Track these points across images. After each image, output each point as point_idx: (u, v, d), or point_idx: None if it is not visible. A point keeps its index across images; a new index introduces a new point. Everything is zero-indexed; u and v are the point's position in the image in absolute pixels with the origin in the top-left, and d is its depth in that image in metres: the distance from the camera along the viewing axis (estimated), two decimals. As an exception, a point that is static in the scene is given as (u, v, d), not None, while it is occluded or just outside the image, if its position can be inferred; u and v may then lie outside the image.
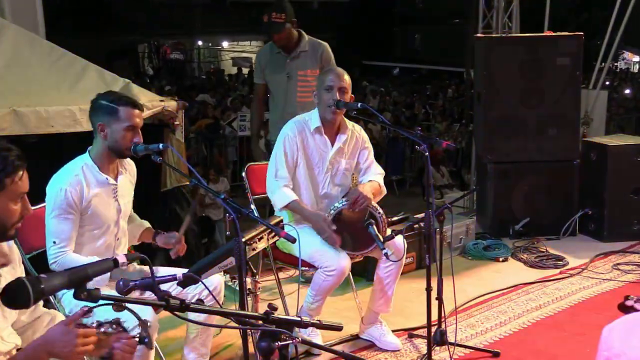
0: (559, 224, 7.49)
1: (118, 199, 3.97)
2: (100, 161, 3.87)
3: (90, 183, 3.83)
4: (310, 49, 6.08)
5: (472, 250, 7.00)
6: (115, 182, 3.95)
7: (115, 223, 3.99)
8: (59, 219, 3.73)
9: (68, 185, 3.72)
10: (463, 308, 5.57)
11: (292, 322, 2.16)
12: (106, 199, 3.91)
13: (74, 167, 3.84)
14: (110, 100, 3.81)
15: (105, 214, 3.91)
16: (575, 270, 6.52)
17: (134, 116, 3.80)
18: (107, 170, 3.91)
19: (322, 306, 4.67)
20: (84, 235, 3.88)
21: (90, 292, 2.13)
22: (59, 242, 3.73)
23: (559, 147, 7.45)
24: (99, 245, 3.94)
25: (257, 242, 3.68)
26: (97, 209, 3.86)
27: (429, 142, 4.25)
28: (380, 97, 22.28)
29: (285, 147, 4.71)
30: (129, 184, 4.11)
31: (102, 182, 3.88)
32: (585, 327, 5.25)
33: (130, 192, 4.14)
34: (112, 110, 3.78)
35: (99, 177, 3.86)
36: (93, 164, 3.86)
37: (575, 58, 7.40)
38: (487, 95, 7.53)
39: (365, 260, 5.06)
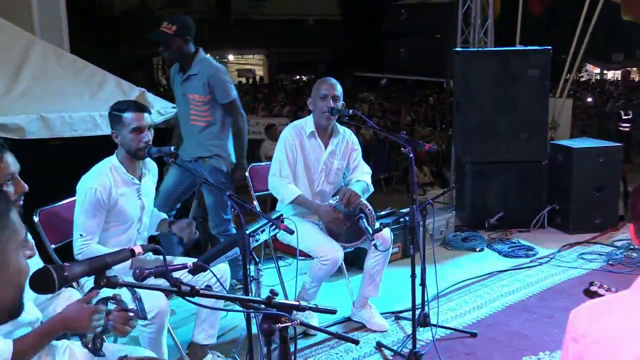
0: (530, 218, 7.50)
1: (142, 197, 3.99)
2: (125, 163, 3.89)
3: (118, 183, 3.84)
4: (199, 73, 5.16)
5: (452, 241, 7.00)
6: (139, 182, 3.96)
7: (139, 219, 4.00)
8: (88, 215, 3.73)
9: (98, 184, 3.73)
10: (444, 293, 5.57)
11: (291, 306, 2.16)
12: (131, 197, 3.92)
13: (103, 168, 3.85)
14: (115, 109, 3.84)
15: (130, 212, 3.92)
16: (544, 259, 6.53)
17: (136, 119, 3.79)
18: (132, 171, 3.92)
19: (317, 291, 4.71)
20: (109, 230, 3.89)
21: (110, 279, 2.13)
22: (85, 235, 3.74)
23: (529, 149, 7.46)
24: (123, 238, 3.95)
25: (260, 234, 3.69)
26: (123, 206, 3.87)
27: (413, 145, 4.25)
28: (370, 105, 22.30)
29: (286, 150, 4.76)
30: (151, 183, 4.13)
31: (128, 182, 3.89)
32: (553, 310, 5.25)
33: (153, 190, 4.17)
34: (118, 117, 3.80)
35: (125, 178, 3.88)
36: (120, 165, 3.87)
37: (544, 70, 7.40)
38: (465, 103, 7.53)
39: (356, 250, 5.06)
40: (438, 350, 4.36)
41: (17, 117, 4.97)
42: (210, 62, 5.25)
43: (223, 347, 4.52)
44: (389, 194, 14.48)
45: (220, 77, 5.17)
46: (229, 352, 4.36)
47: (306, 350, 4.57)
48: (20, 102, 5.22)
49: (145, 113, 3.84)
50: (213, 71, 5.17)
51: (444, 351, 4.44)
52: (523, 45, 8.25)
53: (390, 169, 16.23)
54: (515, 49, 8.07)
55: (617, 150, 7.50)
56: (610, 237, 7.17)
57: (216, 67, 5.26)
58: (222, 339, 4.68)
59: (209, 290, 2.34)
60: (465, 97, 7.53)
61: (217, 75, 5.16)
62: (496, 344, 4.67)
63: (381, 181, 14.88)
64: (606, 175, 7.35)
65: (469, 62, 7.52)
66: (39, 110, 5.13)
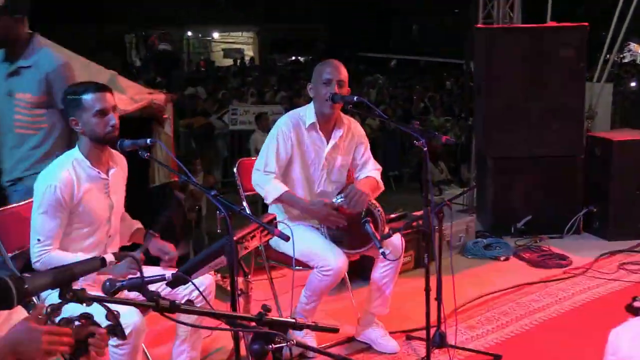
0: (563, 222, 7.50)
1: (110, 194, 3.96)
2: (89, 155, 3.86)
3: (81, 178, 3.81)
4: (34, 66, 4.49)
5: (472, 249, 7.01)
6: (106, 176, 3.94)
7: (107, 220, 3.98)
8: (46, 216, 3.72)
9: (59, 181, 3.71)
10: (463, 309, 5.57)
11: (286, 323, 2.16)
12: (98, 194, 3.90)
13: (63, 162, 3.83)
14: (72, 92, 3.81)
15: (97, 211, 3.90)
16: (579, 270, 6.53)
17: (99, 100, 3.76)
18: (97, 165, 3.89)
19: (317, 307, 4.69)
20: (72, 233, 3.87)
21: (77, 293, 2.13)
22: (43, 240, 3.72)
23: (562, 141, 7.46)
24: (89, 243, 3.93)
25: (250, 240, 3.67)
26: (89, 205, 3.85)
27: (427, 137, 4.24)
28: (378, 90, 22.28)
29: (278, 142, 4.70)
30: (120, 178, 4.10)
31: (93, 176, 3.87)
32: (590, 329, 5.24)
33: (122, 187, 4.13)
34: (76, 102, 3.77)
35: (90, 172, 3.85)
36: (84, 159, 3.84)
37: (579, 49, 7.39)
38: (487, 88, 7.53)
39: (361, 260, 5.05)
40: (456, 376, 4.37)
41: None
42: (51, 54, 4.59)
43: (207, 371, 4.54)
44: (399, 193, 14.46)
45: (64, 74, 4.53)
46: (214, 377, 4.36)
47: (300, 375, 4.59)
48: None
49: (107, 93, 3.82)
50: (56, 65, 4.52)
51: (464, 376, 4.45)
52: (555, 22, 8.24)
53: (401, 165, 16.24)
54: (546, 25, 8.06)
55: (666, 142, 7.49)
56: (657, 245, 7.17)
57: (59, 60, 4.60)
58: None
59: (191, 305, 2.34)
60: (487, 81, 7.53)
61: (61, 72, 4.52)
62: (524, 368, 4.69)
63: (390, 179, 14.88)
64: (653, 173, 7.35)
65: (493, 40, 7.51)
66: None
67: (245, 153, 13.96)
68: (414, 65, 31.80)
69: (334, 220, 4.54)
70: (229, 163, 14.43)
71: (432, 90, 23.50)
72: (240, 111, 15.15)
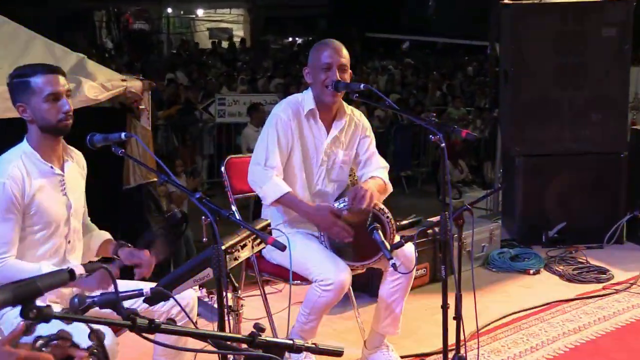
0: (603, 230, 7.52)
1: (67, 192, 3.94)
2: (40, 148, 3.85)
3: (32, 174, 3.80)
4: None
5: (497, 260, 7.02)
6: (61, 172, 3.92)
7: (65, 222, 3.95)
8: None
9: (7, 178, 3.70)
10: (486, 330, 5.59)
11: (282, 345, 2.18)
12: (53, 192, 3.88)
13: (11, 157, 3.82)
14: (19, 74, 3.80)
15: (52, 211, 3.88)
16: (622, 286, 6.55)
17: (50, 83, 3.75)
18: (49, 158, 3.88)
19: (317, 327, 4.68)
20: (26, 238, 3.85)
21: (41, 310, 2.14)
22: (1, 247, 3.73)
23: (603, 136, 7.47)
24: (46, 249, 3.91)
25: (240, 250, 3.69)
26: (43, 204, 3.83)
27: (445, 131, 4.24)
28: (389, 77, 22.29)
29: (278, 132, 4.67)
30: (78, 175, 4.09)
31: (45, 172, 3.85)
32: (634, 353, 5.27)
33: (81, 185, 4.11)
34: (24, 85, 3.75)
35: (41, 167, 3.84)
36: (33, 152, 3.83)
37: (623, 29, 7.41)
38: (516, 74, 7.54)
39: (368, 273, 5.07)
40: (479, 407, 4.39)
41: None
42: None
43: (190, 400, 4.55)
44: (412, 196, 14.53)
45: None
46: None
47: (300, 405, 4.60)
48: None
49: (60, 75, 3.81)
50: None
51: (487, 408, 4.48)
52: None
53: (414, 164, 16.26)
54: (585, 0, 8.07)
55: None
56: None
57: None
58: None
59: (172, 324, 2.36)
60: (516, 67, 7.54)
61: None
62: (557, 399, 4.71)
63: (402, 179, 14.94)
64: None
65: (522, 19, 7.52)
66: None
67: (234, 149, 13.95)
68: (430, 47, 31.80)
69: (339, 232, 4.49)
70: (215, 161, 14.43)
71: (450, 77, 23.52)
72: (229, 101, 15.14)
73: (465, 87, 21.82)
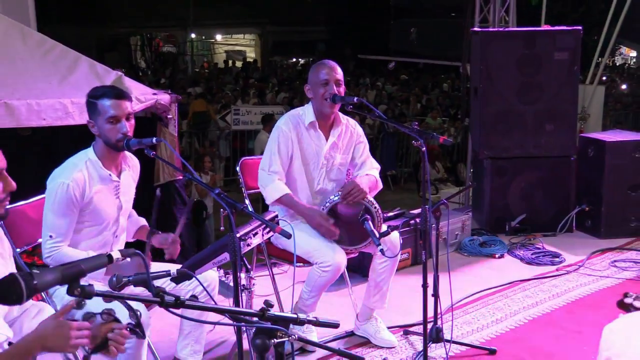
0: (556, 221, 7.50)
1: (120, 196, 3.95)
2: (103, 157, 3.85)
3: (93, 179, 3.80)
4: None
5: (468, 246, 7.01)
6: (117, 179, 3.93)
7: (114, 220, 3.97)
8: (58, 214, 3.71)
9: (71, 180, 3.70)
10: (459, 305, 5.57)
11: (288, 319, 2.16)
12: (108, 195, 3.89)
13: (77, 161, 3.82)
14: (90, 95, 3.80)
15: (105, 211, 3.89)
16: (572, 267, 6.53)
17: (113, 107, 3.74)
18: (109, 166, 3.88)
19: (317, 302, 4.67)
20: (81, 231, 3.86)
21: (84, 289, 2.12)
22: (55, 237, 3.72)
23: (556, 142, 7.46)
24: (96, 241, 3.92)
25: (252, 237, 3.68)
26: (98, 205, 3.84)
27: (426, 137, 4.23)
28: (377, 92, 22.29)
29: (279, 142, 4.68)
30: (131, 180, 4.09)
31: (104, 178, 3.85)
32: (582, 324, 5.26)
33: (132, 189, 4.11)
34: (93, 105, 3.77)
35: (101, 173, 3.84)
36: (97, 160, 3.83)
37: (573, 53, 7.39)
38: (484, 90, 7.52)
39: (360, 256, 5.06)
40: (452, 370, 4.38)
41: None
42: None
43: (210, 364, 4.54)
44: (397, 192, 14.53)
45: None
46: (217, 370, 4.37)
47: (301, 369, 4.59)
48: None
49: (124, 100, 3.79)
50: None
51: (459, 370, 4.46)
52: (550, 25, 8.23)
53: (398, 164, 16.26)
54: (541, 29, 8.06)
55: (656, 144, 7.49)
56: (647, 243, 7.18)
57: None
58: (209, 355, 4.70)
59: (195, 300, 2.34)
60: (484, 84, 7.51)
61: None
62: (518, 363, 4.69)
63: (388, 178, 14.91)
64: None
65: (489, 43, 7.50)
66: (2, 96, 5.11)
67: (247, 152, 13.96)
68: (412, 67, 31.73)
69: (326, 232, 4.51)
70: (231, 162, 14.44)
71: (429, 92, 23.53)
72: (243, 111, 15.16)
73: (441, 101, 21.80)
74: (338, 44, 32.95)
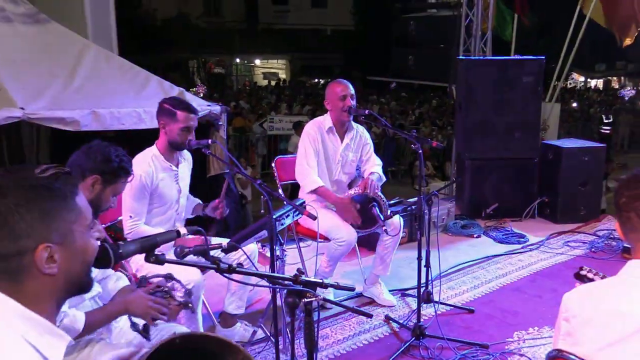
0: (522, 209, 7.45)
1: (179, 182, 3.99)
2: (165, 152, 3.89)
3: (158, 170, 3.84)
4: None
5: (453, 228, 6.97)
6: (176, 169, 3.97)
7: (176, 201, 4.00)
8: (135, 198, 3.74)
9: (142, 171, 3.73)
10: (445, 274, 5.55)
11: (315, 283, 2.15)
12: (169, 182, 3.92)
13: (145, 157, 3.85)
14: (171, 104, 3.82)
15: (169, 194, 3.92)
16: (534, 246, 6.48)
17: (189, 119, 3.79)
18: (170, 159, 3.92)
19: (334, 270, 4.69)
20: (152, 211, 3.90)
21: (157, 257, 2.13)
22: (134, 217, 3.75)
23: (523, 147, 7.40)
24: (163, 218, 3.96)
25: (285, 218, 3.69)
26: (163, 190, 3.88)
27: (422, 142, 4.22)
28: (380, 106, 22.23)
29: (310, 141, 4.71)
30: (186, 170, 4.12)
31: (166, 169, 3.89)
32: (541, 290, 5.24)
33: (188, 176, 4.14)
34: (172, 113, 3.79)
35: (164, 165, 3.88)
36: (159, 154, 3.87)
37: (537, 77, 7.33)
38: (466, 105, 7.47)
39: (368, 234, 5.05)
40: (439, 324, 4.35)
41: (73, 111, 5.00)
42: None
43: (250, 316, 4.55)
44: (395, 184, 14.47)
45: None
46: (256, 321, 4.36)
47: (322, 321, 4.57)
48: (75, 99, 5.26)
49: (195, 115, 3.85)
50: None
51: (445, 325, 4.42)
52: (518, 55, 8.18)
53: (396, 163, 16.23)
54: (512, 58, 8.01)
55: (601, 150, 7.41)
56: (593, 227, 7.09)
57: None
58: (250, 309, 4.71)
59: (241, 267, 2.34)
60: (466, 100, 7.46)
61: None
62: (491, 320, 4.66)
63: (389, 173, 14.86)
64: (590, 172, 7.28)
65: (471, 69, 7.45)
66: (91, 106, 5.15)
67: (279, 152, 13.97)
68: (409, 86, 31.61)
69: (350, 218, 4.53)
70: (266, 160, 14.47)
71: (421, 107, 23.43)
72: (276, 120, 15.16)
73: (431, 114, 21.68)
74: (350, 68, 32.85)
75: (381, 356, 4.09)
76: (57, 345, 1.38)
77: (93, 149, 2.83)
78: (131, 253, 2.09)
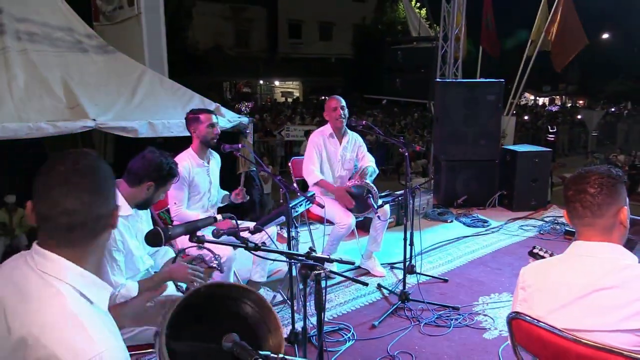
0: (485, 199, 7.41)
1: (209, 175, 3.97)
2: (198, 152, 3.88)
3: (193, 165, 3.84)
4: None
5: (431, 215, 6.94)
6: (207, 165, 3.95)
7: (208, 191, 3.98)
8: (178, 189, 3.73)
9: (183, 167, 3.71)
10: (425, 251, 5.51)
11: (324, 259, 2.14)
12: (203, 176, 3.91)
13: (184, 156, 3.85)
14: (194, 112, 3.86)
15: (202, 185, 3.91)
16: (496, 229, 6.45)
17: (210, 118, 3.82)
18: (202, 157, 3.91)
19: (337, 247, 4.66)
20: (190, 199, 3.88)
21: (199, 237, 2.12)
22: (178, 204, 3.75)
23: (487, 151, 7.37)
24: (199, 205, 3.94)
25: (298, 207, 3.67)
26: (197, 182, 3.86)
27: (408, 147, 4.20)
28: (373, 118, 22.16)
29: (314, 147, 4.71)
30: (215, 166, 4.09)
31: (200, 164, 3.88)
32: (501, 264, 5.20)
33: (217, 172, 4.12)
34: (196, 118, 3.81)
35: (198, 162, 3.87)
36: (194, 154, 3.87)
37: (498, 95, 7.30)
38: (441, 118, 7.44)
39: (364, 219, 5.03)
40: (421, 291, 4.34)
41: (133, 122, 5.00)
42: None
43: (271, 284, 4.53)
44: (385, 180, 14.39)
45: None
46: (275, 287, 4.36)
47: (328, 288, 4.56)
48: (135, 112, 5.25)
49: (213, 115, 3.88)
50: None
51: (425, 292, 4.41)
52: (483, 78, 8.12)
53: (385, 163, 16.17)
54: (478, 80, 7.96)
55: (547, 154, 7.37)
56: (541, 214, 7.04)
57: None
58: (271, 278, 4.70)
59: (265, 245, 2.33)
60: (442, 114, 7.44)
61: None
62: (461, 287, 4.63)
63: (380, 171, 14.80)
64: (539, 171, 7.24)
65: (446, 89, 7.41)
66: (147, 117, 5.15)
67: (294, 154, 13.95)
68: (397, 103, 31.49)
69: (347, 200, 4.50)
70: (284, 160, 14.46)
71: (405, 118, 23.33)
72: (292, 129, 15.13)
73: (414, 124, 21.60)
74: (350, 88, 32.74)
75: (374, 316, 4.07)
76: (102, 293, 1.40)
77: (147, 157, 2.77)
78: (178, 234, 2.08)
